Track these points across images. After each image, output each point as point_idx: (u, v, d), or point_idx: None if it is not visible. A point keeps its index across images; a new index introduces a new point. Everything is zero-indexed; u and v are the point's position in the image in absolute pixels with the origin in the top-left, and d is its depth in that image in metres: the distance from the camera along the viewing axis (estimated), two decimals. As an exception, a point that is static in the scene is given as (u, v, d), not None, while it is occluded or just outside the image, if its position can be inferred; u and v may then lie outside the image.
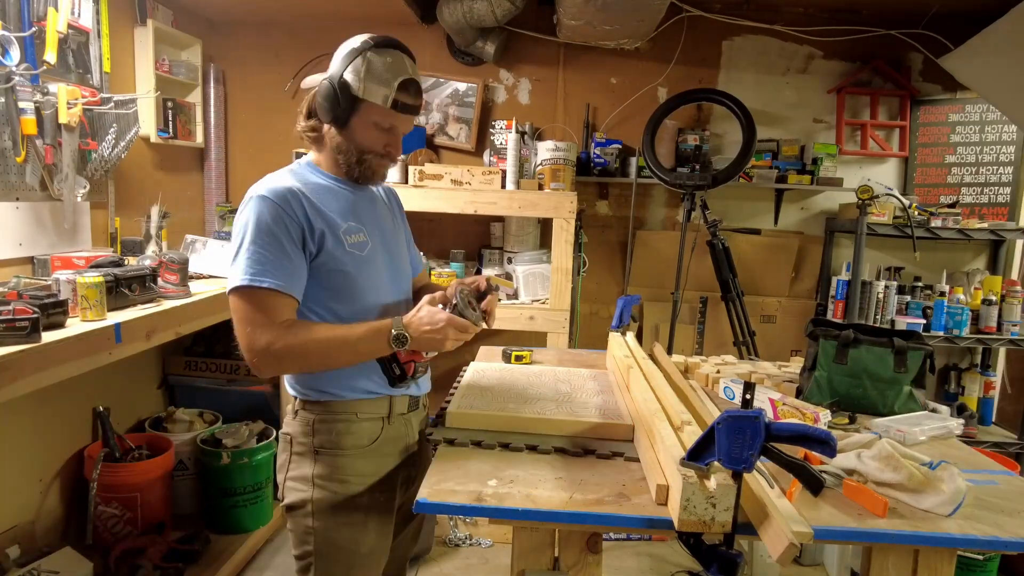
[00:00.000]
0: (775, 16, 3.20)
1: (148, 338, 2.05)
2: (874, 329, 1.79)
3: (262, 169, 3.58)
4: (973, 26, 2.75)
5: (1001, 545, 1.12)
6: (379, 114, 1.38)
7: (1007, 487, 1.33)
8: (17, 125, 2.10)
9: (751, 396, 1.17)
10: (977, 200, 3.28)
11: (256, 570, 2.67)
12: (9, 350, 1.57)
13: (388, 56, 1.36)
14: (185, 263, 2.31)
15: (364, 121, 1.38)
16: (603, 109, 3.34)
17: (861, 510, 1.19)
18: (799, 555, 1.95)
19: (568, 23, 2.86)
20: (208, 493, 2.76)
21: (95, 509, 2.38)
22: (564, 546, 1.24)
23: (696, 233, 3.11)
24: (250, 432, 2.83)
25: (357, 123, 1.39)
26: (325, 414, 1.43)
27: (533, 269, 2.99)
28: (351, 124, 1.39)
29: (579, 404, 1.60)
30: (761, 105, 3.27)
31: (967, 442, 1.68)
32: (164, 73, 2.92)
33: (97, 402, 2.54)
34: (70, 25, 2.30)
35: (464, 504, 1.17)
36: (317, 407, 1.44)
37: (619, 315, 2.12)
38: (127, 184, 2.77)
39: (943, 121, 3.27)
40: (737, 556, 1.07)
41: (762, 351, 3.08)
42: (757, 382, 1.86)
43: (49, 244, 2.32)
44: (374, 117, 1.38)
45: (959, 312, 3.02)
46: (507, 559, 1.26)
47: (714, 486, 1.04)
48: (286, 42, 3.38)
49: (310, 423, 1.43)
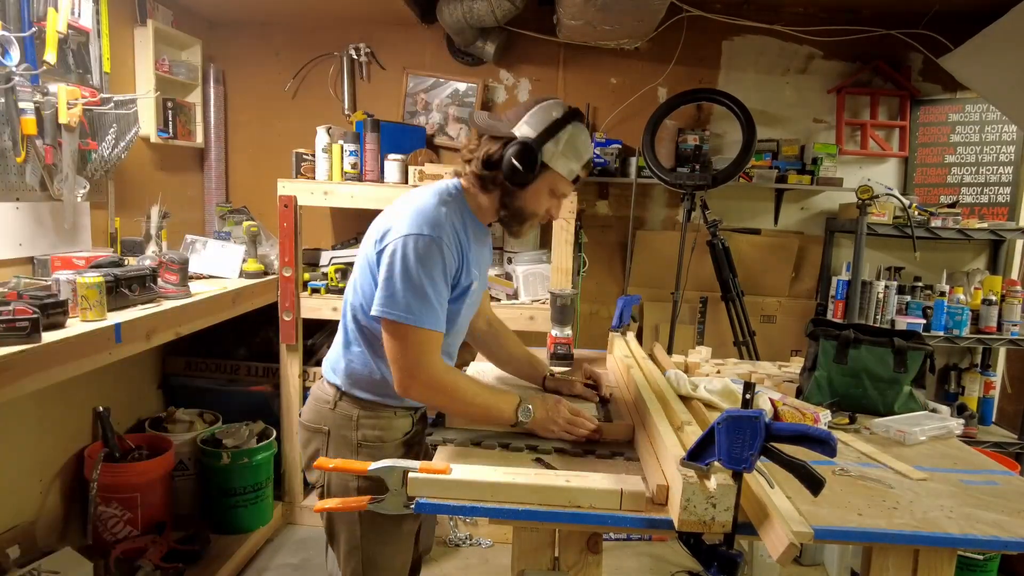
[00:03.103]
0: (775, 16, 3.20)
1: (148, 338, 2.06)
2: (874, 329, 1.79)
3: (262, 169, 3.57)
4: (973, 26, 2.75)
5: (1001, 545, 1.12)
6: (560, 183, 1.45)
7: (1007, 487, 1.33)
8: (17, 125, 2.10)
9: (751, 396, 1.17)
10: (977, 200, 3.28)
11: (256, 570, 2.67)
12: (9, 350, 1.57)
13: (583, 134, 1.44)
14: (185, 263, 2.32)
15: (543, 187, 1.45)
16: (603, 109, 3.34)
17: (861, 509, 1.19)
18: (799, 555, 1.95)
19: (568, 23, 2.86)
20: (208, 493, 2.76)
21: (95, 509, 2.38)
22: (564, 546, 1.24)
23: (696, 233, 3.11)
24: (250, 432, 2.82)
25: (535, 188, 1.44)
26: (369, 409, 1.49)
27: (533, 269, 2.98)
28: (528, 187, 1.43)
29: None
30: (761, 105, 3.27)
31: (967, 442, 1.67)
32: (164, 73, 2.92)
33: (97, 402, 2.54)
34: (70, 25, 2.30)
35: (464, 504, 1.16)
36: (360, 401, 1.49)
37: (619, 315, 2.12)
38: (127, 184, 2.77)
39: (943, 121, 3.27)
40: (737, 556, 1.07)
41: (762, 351, 3.08)
42: (757, 382, 1.86)
43: (49, 244, 2.32)
44: (553, 185, 1.45)
45: (959, 312, 3.01)
46: (507, 559, 1.26)
47: (714, 486, 1.04)
48: (286, 42, 3.38)
49: (354, 417, 1.49)
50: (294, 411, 2.92)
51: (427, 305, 1.35)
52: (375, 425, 1.49)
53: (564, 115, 1.41)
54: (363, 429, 1.49)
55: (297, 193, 2.81)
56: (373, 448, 1.48)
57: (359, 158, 2.88)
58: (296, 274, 2.84)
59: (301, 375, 2.93)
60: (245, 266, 2.79)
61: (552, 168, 1.41)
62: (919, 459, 1.46)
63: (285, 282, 2.83)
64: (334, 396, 1.51)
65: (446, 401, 1.43)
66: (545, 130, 1.39)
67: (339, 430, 1.49)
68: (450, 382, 1.40)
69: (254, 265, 2.81)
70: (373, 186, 2.85)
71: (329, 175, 2.90)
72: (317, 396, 1.55)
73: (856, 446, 1.52)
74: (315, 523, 2.95)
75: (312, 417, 1.54)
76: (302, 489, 3.02)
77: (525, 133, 1.40)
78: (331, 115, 3.33)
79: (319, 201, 2.84)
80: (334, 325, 1.61)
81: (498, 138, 1.42)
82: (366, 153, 2.88)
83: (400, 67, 3.36)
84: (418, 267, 1.34)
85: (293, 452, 2.97)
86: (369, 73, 3.38)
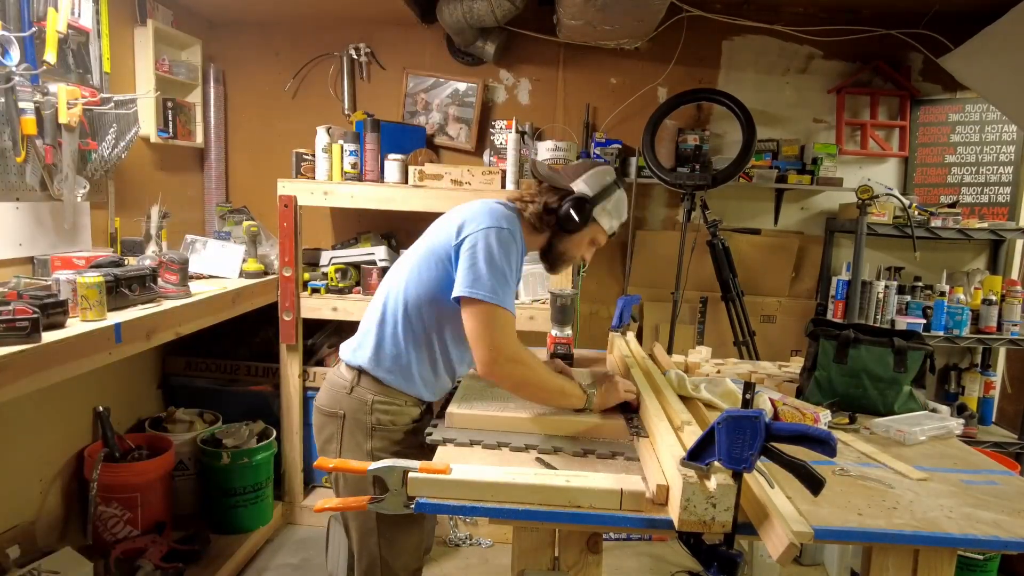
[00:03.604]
0: (775, 16, 3.20)
1: (148, 338, 2.06)
2: (874, 329, 1.79)
3: (262, 169, 3.57)
4: (973, 26, 2.75)
5: (1001, 545, 1.12)
6: (600, 235, 1.69)
7: (1007, 487, 1.33)
8: (17, 125, 2.10)
9: (751, 396, 1.17)
10: (977, 200, 3.28)
11: (256, 570, 2.67)
12: (9, 350, 1.57)
13: (625, 197, 1.70)
14: (185, 263, 2.32)
15: (586, 236, 1.67)
16: (603, 109, 3.34)
17: (861, 509, 1.19)
18: (799, 555, 1.95)
19: (568, 23, 2.86)
20: (208, 493, 2.76)
21: (95, 509, 2.38)
22: (564, 546, 1.24)
23: (696, 233, 3.11)
24: (250, 432, 2.83)
25: (580, 236, 1.66)
26: (384, 394, 1.58)
27: (533, 269, 2.98)
28: (575, 234, 1.65)
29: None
30: (761, 105, 3.27)
31: (967, 442, 1.68)
32: (164, 73, 2.92)
33: (97, 402, 2.55)
34: (70, 25, 2.30)
35: (464, 504, 1.17)
36: (376, 387, 1.58)
37: (619, 315, 2.13)
38: (127, 184, 2.77)
39: (943, 121, 3.27)
40: (737, 556, 1.07)
41: (762, 351, 3.08)
42: (757, 382, 1.86)
43: (49, 244, 2.32)
44: (595, 236, 1.68)
45: (959, 312, 3.01)
46: (507, 559, 1.27)
47: (714, 486, 1.04)
48: (286, 42, 3.38)
49: (368, 402, 1.57)
50: (294, 411, 2.92)
51: (508, 289, 1.48)
52: (388, 411, 1.58)
53: (615, 181, 1.66)
54: (377, 414, 1.57)
55: (297, 193, 2.81)
56: (386, 432, 1.58)
57: (359, 158, 2.88)
58: (296, 274, 2.84)
59: (301, 375, 2.93)
60: (245, 266, 2.79)
61: (598, 222, 1.64)
62: (919, 459, 1.46)
63: (285, 282, 2.84)
64: (352, 380, 1.59)
65: (527, 377, 1.49)
66: (601, 191, 1.62)
67: (354, 414, 1.58)
68: (531, 359, 1.50)
69: (254, 265, 2.81)
70: (373, 186, 2.85)
71: (329, 175, 2.90)
72: (333, 381, 1.63)
73: (856, 446, 1.52)
74: (315, 523, 2.95)
75: (328, 401, 1.62)
76: (302, 489, 3.02)
77: (583, 190, 1.62)
78: (331, 115, 3.33)
79: (319, 201, 2.84)
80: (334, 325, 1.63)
81: (558, 189, 1.62)
82: (366, 153, 2.88)
83: (400, 67, 3.36)
84: (501, 254, 1.47)
85: (293, 452, 2.97)
86: (369, 73, 3.38)
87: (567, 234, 1.64)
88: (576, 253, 1.70)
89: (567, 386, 1.53)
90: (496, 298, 1.44)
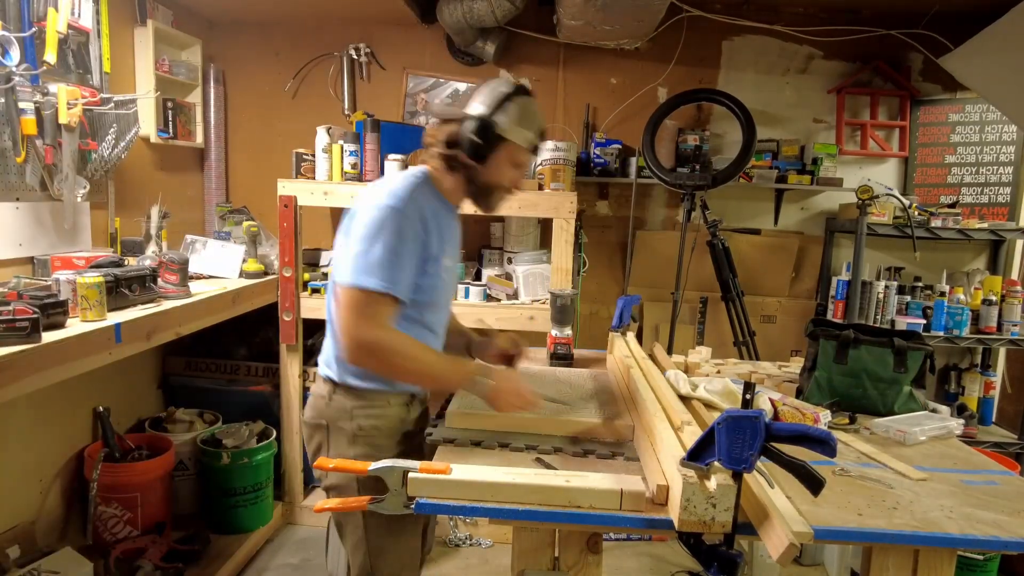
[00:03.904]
0: (775, 16, 3.20)
1: (148, 338, 2.05)
2: (874, 329, 1.79)
3: (262, 169, 3.57)
4: (973, 26, 2.75)
5: (1001, 545, 1.12)
6: (519, 153, 1.52)
7: (1007, 487, 1.33)
8: (17, 125, 2.10)
9: (751, 396, 1.17)
10: (977, 200, 3.28)
11: (256, 570, 2.67)
12: (9, 350, 1.57)
13: (532, 104, 1.52)
14: (185, 263, 2.32)
15: (503, 159, 1.51)
16: (603, 109, 3.34)
17: (861, 509, 1.19)
18: (799, 555, 1.95)
19: (568, 23, 2.86)
20: (208, 493, 2.76)
21: (95, 509, 2.38)
22: (564, 546, 1.24)
23: (696, 233, 3.11)
24: (250, 432, 2.83)
25: (495, 160, 1.50)
26: (363, 399, 1.52)
27: (533, 269, 2.98)
28: (489, 160, 1.49)
29: (579, 404, 1.60)
30: (761, 105, 3.27)
31: (967, 442, 1.67)
32: (164, 73, 2.92)
33: (97, 402, 2.55)
34: (70, 25, 2.30)
35: (464, 504, 1.17)
36: (353, 393, 1.52)
37: (619, 315, 2.12)
38: (127, 184, 2.77)
39: (943, 121, 3.27)
40: (737, 556, 1.07)
41: (762, 351, 3.08)
42: (757, 382, 1.86)
43: (49, 244, 2.32)
44: (512, 155, 1.52)
45: (959, 312, 3.01)
46: (507, 559, 1.26)
47: (714, 486, 1.04)
48: (286, 42, 3.38)
49: (348, 409, 1.52)
50: (294, 411, 2.92)
51: (370, 266, 1.36)
52: (370, 415, 1.52)
53: (513, 90, 1.49)
54: (358, 419, 1.51)
55: (297, 193, 2.81)
56: (368, 438, 1.51)
57: (359, 158, 2.87)
58: (296, 274, 2.84)
59: (301, 375, 2.93)
60: (245, 266, 2.79)
61: (509, 139, 1.48)
62: (919, 459, 1.46)
63: (285, 282, 2.83)
64: (328, 390, 1.55)
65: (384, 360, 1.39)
66: (495, 104, 1.47)
67: (336, 422, 1.53)
68: (385, 340, 1.37)
69: (254, 265, 2.81)
70: (373, 186, 2.85)
71: (329, 175, 2.90)
72: (315, 393, 1.60)
73: (856, 446, 1.52)
74: (315, 523, 2.95)
75: (312, 414, 1.58)
76: (302, 489, 3.02)
77: (477, 111, 1.47)
78: (331, 115, 3.33)
79: (319, 201, 2.84)
80: (334, 325, 1.61)
81: (455, 120, 1.49)
82: (366, 153, 2.88)
83: (400, 67, 3.36)
84: (371, 233, 1.38)
85: (293, 452, 2.97)
86: (369, 73, 3.38)
87: (480, 163, 1.48)
88: (501, 180, 1.54)
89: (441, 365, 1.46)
90: (350, 280, 1.36)
